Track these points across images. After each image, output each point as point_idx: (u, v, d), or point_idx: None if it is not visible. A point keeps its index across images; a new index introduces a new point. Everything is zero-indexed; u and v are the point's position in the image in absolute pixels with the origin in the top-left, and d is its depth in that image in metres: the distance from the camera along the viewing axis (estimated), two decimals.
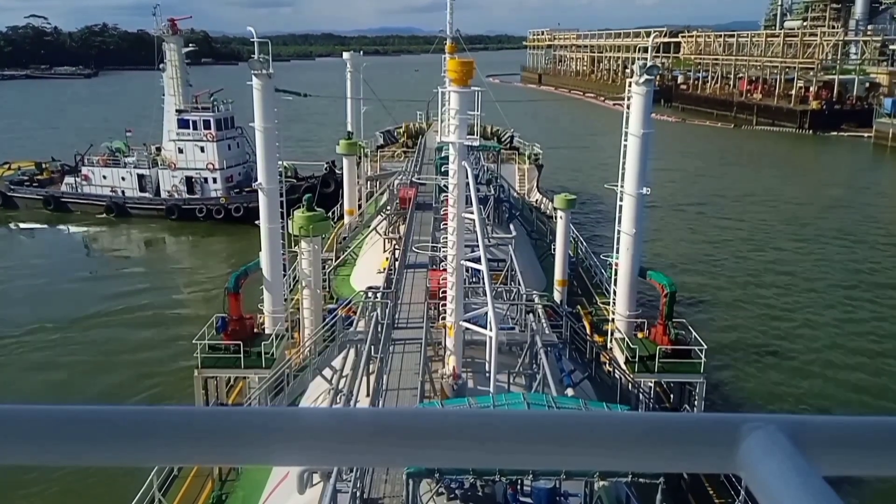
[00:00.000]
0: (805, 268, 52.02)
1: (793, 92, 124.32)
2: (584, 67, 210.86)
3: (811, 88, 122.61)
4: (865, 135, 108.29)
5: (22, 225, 65.67)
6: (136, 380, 34.16)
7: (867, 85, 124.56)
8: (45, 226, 64.85)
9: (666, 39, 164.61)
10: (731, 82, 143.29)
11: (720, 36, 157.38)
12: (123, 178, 65.21)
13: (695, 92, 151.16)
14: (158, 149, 65.66)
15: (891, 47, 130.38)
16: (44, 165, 72.91)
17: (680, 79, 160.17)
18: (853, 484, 24.06)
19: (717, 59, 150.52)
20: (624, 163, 28.99)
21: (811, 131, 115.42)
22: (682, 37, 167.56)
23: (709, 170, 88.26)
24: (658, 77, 29.27)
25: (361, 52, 66.01)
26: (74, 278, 51.53)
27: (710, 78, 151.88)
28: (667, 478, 16.13)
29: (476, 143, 24.47)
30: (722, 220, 65.52)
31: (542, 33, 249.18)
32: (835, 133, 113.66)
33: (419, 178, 47.01)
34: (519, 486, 16.28)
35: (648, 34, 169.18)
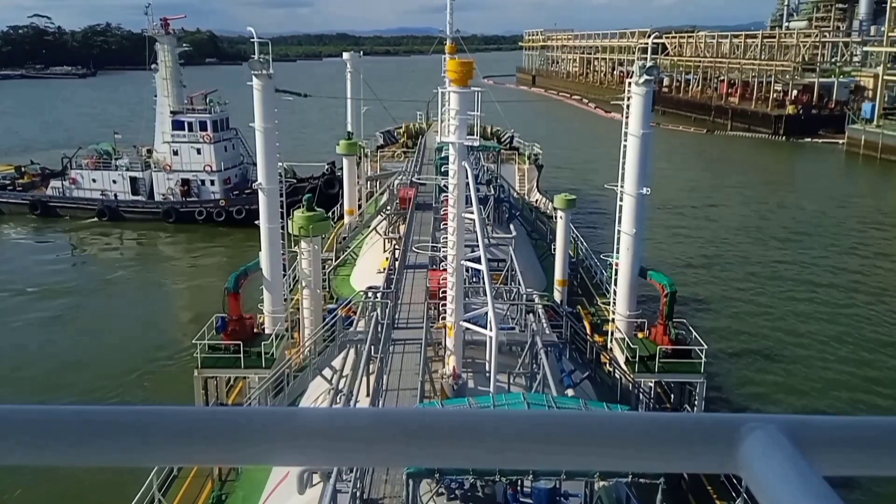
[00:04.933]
0: (804, 268, 52.04)
1: (771, 96, 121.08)
2: (575, 69, 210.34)
3: (792, 92, 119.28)
4: (840, 141, 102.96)
5: (8, 230, 63.86)
6: (136, 380, 34.15)
7: (852, 87, 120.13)
8: (34, 231, 63.41)
9: (652, 41, 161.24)
10: (714, 85, 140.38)
11: (702, 37, 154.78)
12: (115, 181, 63.72)
13: (676, 95, 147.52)
14: (149, 150, 64.86)
15: (864, 48, 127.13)
16: (23, 169, 71.26)
17: (665, 81, 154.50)
18: (853, 484, 24.07)
19: (699, 62, 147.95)
20: (624, 163, 29.01)
21: (785, 137, 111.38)
22: (667, 38, 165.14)
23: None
24: None
25: (361, 54, 65.61)
26: (73, 281, 51.53)
27: (692, 81, 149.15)
28: (667, 478, 16.13)
29: (476, 144, 24.48)
30: (705, 220, 65.58)
31: (538, 34, 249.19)
32: (809, 139, 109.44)
33: (419, 178, 47.02)
34: (519, 486, 16.29)
35: (633, 35, 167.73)
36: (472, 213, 22.39)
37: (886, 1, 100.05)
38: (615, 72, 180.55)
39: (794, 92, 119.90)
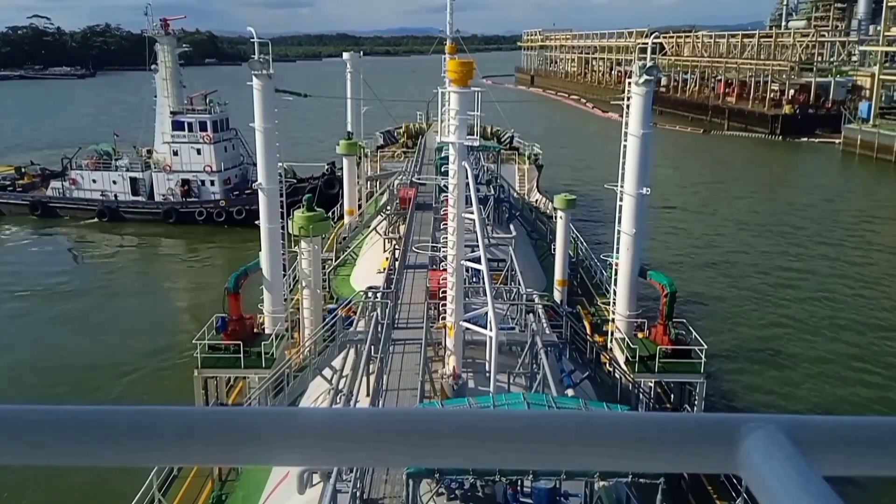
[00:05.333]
0: (803, 268, 52.06)
1: (768, 95, 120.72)
2: (573, 69, 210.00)
3: (790, 92, 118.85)
4: (836, 141, 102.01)
5: (8, 231, 63.48)
6: (136, 380, 34.15)
7: (849, 87, 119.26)
8: (34, 232, 63.13)
9: (651, 41, 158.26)
10: (711, 85, 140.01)
11: (700, 37, 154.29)
12: (115, 182, 63.61)
13: (673, 95, 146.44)
14: (149, 151, 64.76)
15: (860, 48, 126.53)
16: (23, 170, 71.09)
17: (662, 81, 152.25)
18: (853, 484, 24.06)
19: (696, 62, 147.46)
20: (624, 163, 29.02)
21: (781, 137, 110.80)
22: (665, 38, 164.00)
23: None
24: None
25: (361, 54, 65.61)
26: (73, 281, 51.53)
27: (690, 81, 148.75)
28: (667, 478, 16.13)
29: (476, 144, 24.48)
30: (710, 220, 65.59)
31: (537, 34, 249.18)
32: (805, 139, 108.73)
33: (419, 178, 47.02)
34: (519, 486, 16.29)
35: (631, 35, 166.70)
36: (472, 213, 22.40)
37: (884, 0, 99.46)
38: (613, 72, 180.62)
39: (791, 92, 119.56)
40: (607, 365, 28.31)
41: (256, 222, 30.68)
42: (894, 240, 60.40)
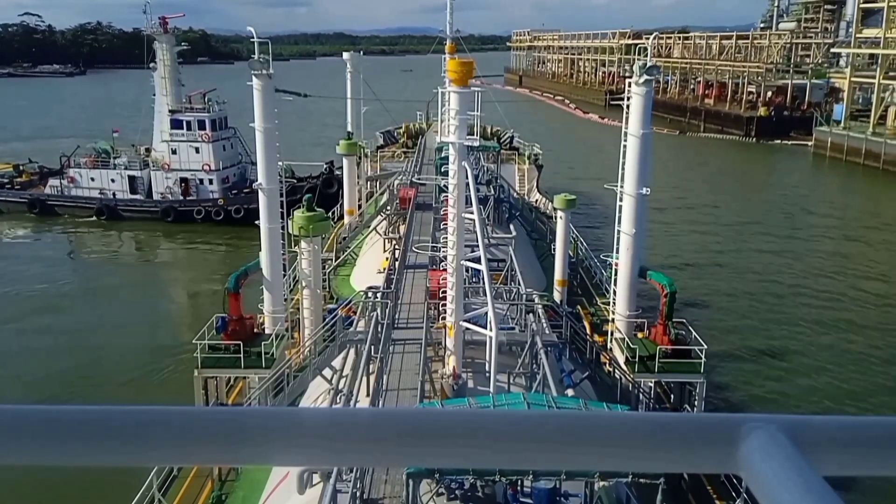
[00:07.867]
0: (805, 268, 52.05)
1: (744, 97, 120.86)
2: (560, 69, 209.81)
3: (768, 94, 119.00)
4: (809, 143, 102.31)
5: (7, 229, 63.34)
6: (136, 380, 34.14)
7: (826, 89, 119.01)
8: (32, 230, 63.11)
9: (630, 41, 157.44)
10: (692, 87, 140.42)
11: (679, 38, 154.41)
12: (113, 180, 63.64)
13: (655, 97, 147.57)
14: (148, 149, 64.76)
15: (832, 50, 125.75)
16: (21, 167, 71.08)
17: None
18: (853, 484, 24.06)
19: (677, 63, 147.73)
20: (623, 163, 29.02)
21: (755, 139, 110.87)
22: (646, 38, 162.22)
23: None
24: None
25: (361, 53, 65.53)
26: (72, 280, 51.50)
27: (671, 82, 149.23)
28: (667, 478, 16.13)
29: (476, 144, 24.46)
30: (715, 223, 65.60)
31: (525, 34, 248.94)
32: (779, 141, 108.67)
33: (419, 178, 47.01)
34: (519, 486, 16.29)
35: (615, 35, 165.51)
36: (472, 213, 22.40)
37: (873, 2, 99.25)
38: (598, 72, 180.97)
39: (768, 94, 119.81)
40: (607, 365, 28.30)
41: (256, 222, 30.67)
42: (882, 241, 60.44)
